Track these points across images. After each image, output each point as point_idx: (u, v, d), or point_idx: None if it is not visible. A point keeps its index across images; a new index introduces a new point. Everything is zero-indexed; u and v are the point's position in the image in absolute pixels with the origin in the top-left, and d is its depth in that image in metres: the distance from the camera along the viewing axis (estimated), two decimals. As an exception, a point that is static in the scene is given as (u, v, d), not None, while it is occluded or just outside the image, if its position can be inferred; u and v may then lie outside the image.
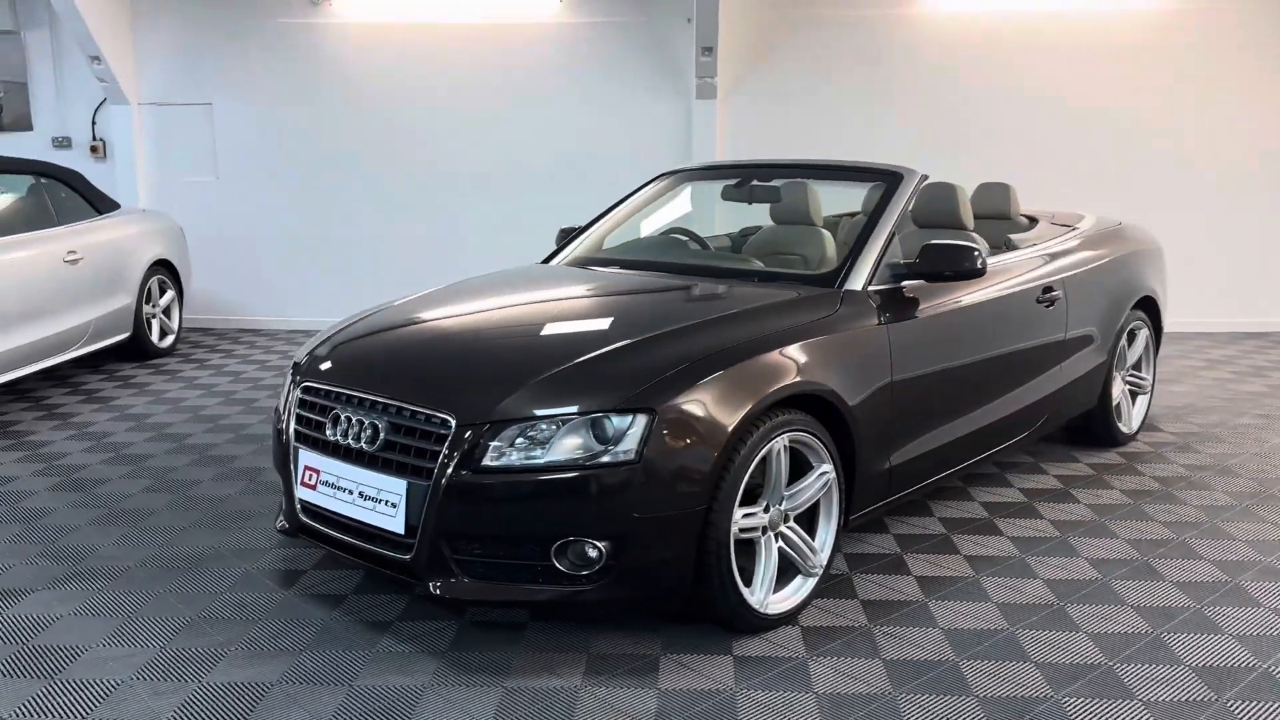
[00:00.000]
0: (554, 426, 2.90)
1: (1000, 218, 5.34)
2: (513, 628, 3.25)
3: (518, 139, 8.86)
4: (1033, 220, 5.34)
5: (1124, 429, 5.24)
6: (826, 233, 4.83)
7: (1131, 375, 5.34)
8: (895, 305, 3.72)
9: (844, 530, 3.53)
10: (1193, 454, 5.13)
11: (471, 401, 2.98)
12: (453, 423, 2.94)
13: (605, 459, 2.86)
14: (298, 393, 3.42)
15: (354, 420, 3.17)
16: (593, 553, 2.88)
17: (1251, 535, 4.05)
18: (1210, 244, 8.58)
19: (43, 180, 6.84)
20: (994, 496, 4.49)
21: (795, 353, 3.26)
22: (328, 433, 3.23)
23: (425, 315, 3.74)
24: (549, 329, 3.51)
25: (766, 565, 3.20)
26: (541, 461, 2.87)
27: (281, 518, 3.52)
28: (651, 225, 4.87)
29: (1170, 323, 8.64)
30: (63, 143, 9.17)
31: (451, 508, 2.91)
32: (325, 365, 3.45)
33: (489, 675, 2.97)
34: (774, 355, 3.20)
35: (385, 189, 9.06)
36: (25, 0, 8.93)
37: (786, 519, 3.27)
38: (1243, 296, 8.74)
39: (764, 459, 3.13)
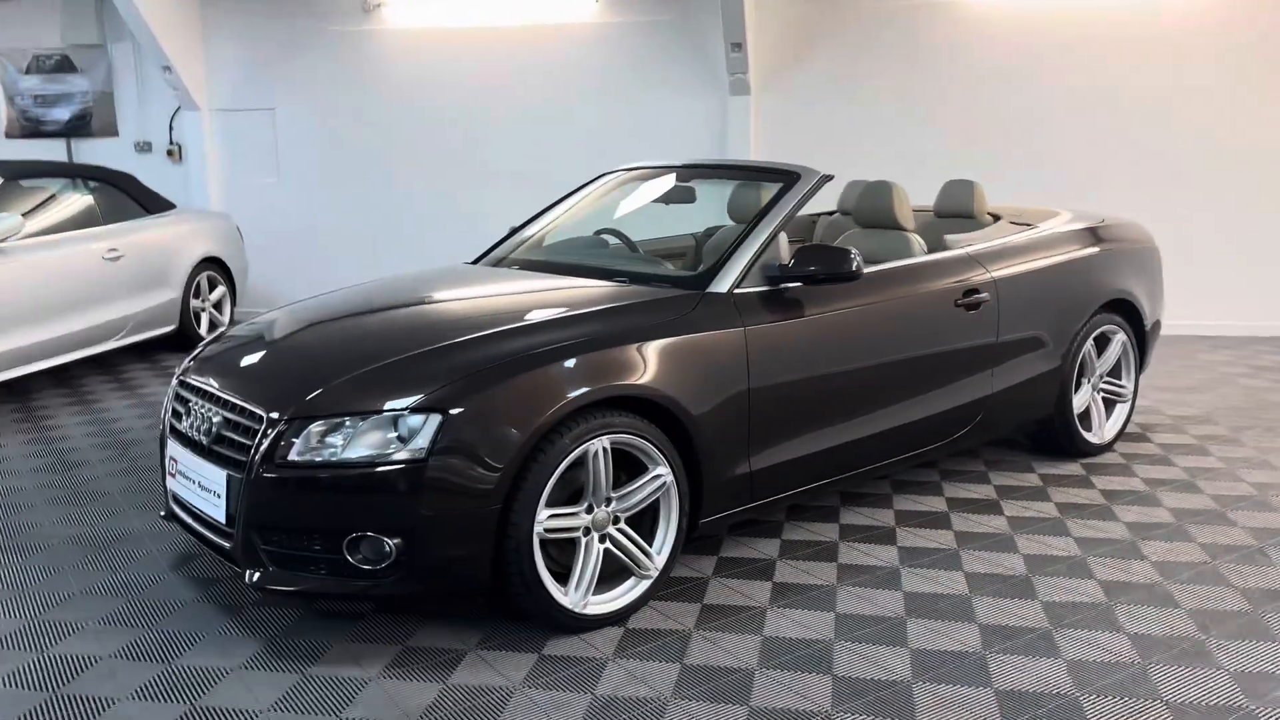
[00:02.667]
0: (354, 424, 3.01)
1: (963, 215, 5.15)
2: (351, 618, 3.38)
3: (557, 137, 9.00)
4: (996, 218, 5.13)
5: (1093, 439, 4.96)
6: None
7: (1107, 383, 5.05)
8: (768, 308, 3.66)
9: (690, 535, 3.52)
10: (1163, 467, 4.82)
11: (280, 397, 3.13)
12: (263, 417, 3.10)
13: (396, 457, 2.95)
14: (174, 385, 3.65)
15: (200, 413, 3.36)
16: (385, 548, 2.98)
17: (1159, 557, 3.80)
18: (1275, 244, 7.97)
19: (92, 183, 7.39)
20: (912, 504, 4.35)
21: (623, 355, 3.27)
22: (181, 424, 3.44)
23: (301, 316, 3.89)
24: (387, 329, 3.62)
25: (585, 566, 3.22)
26: (337, 458, 2.98)
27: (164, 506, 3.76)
28: (595, 223, 4.90)
29: (1222, 326, 8.13)
30: (144, 147, 9.86)
31: (259, 500, 3.06)
32: (198, 360, 3.67)
33: (296, 661, 3.10)
34: (594, 357, 3.21)
35: (432, 187, 9.36)
36: (111, 14, 9.62)
37: (617, 520, 3.29)
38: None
39: (588, 460, 3.16)
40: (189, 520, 3.44)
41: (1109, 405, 5.09)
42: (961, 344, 4.25)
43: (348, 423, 3.01)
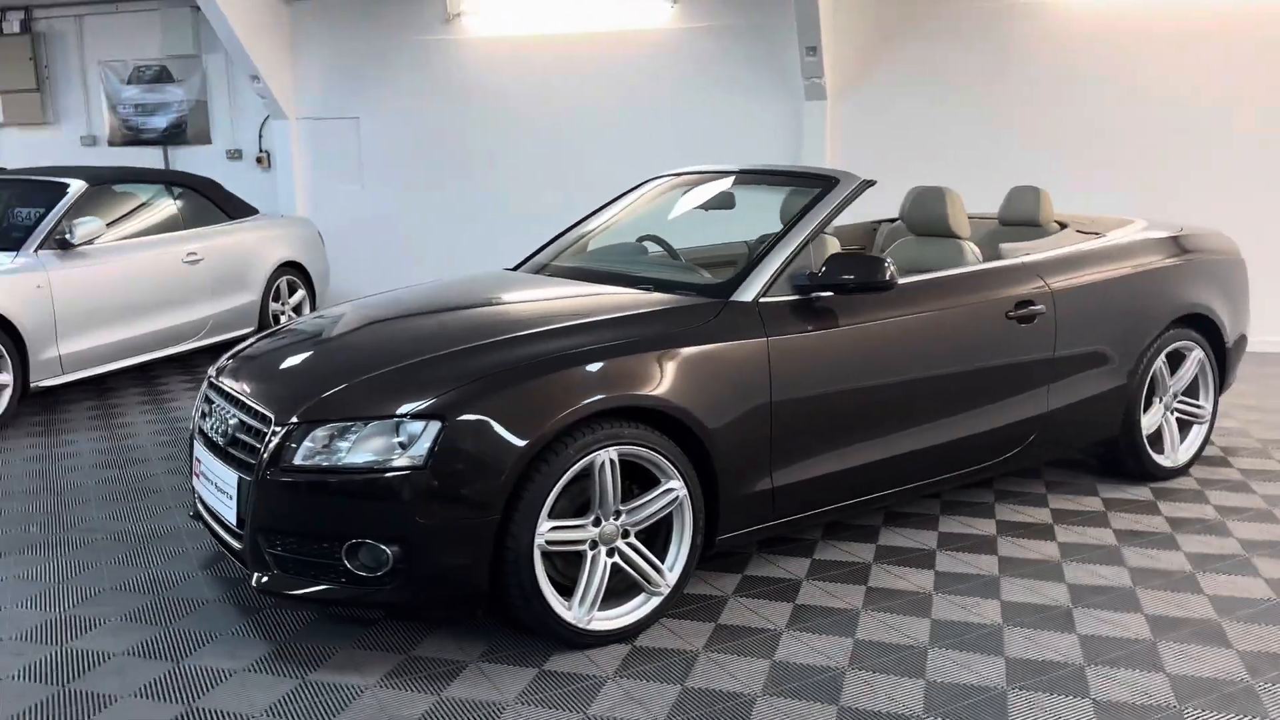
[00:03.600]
0: (358, 429, 2.99)
1: (1028, 224, 4.91)
2: (362, 624, 3.37)
3: (631, 143, 8.96)
4: (1063, 227, 4.87)
5: (1165, 462, 4.66)
6: (829, 236, 4.65)
7: (1182, 403, 4.74)
8: (796, 319, 3.53)
9: (707, 552, 3.41)
10: (1241, 494, 4.49)
11: (289, 401, 3.13)
12: (271, 419, 3.10)
13: (395, 464, 2.92)
14: (204, 386, 3.70)
15: (219, 414, 3.40)
16: (383, 555, 2.95)
17: (1218, 591, 3.52)
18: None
19: (176, 189, 7.64)
20: (959, 526, 4.14)
21: (632, 364, 3.17)
22: (205, 424, 3.48)
23: (329, 321, 3.91)
24: (405, 335, 3.59)
25: (590, 581, 3.14)
26: (340, 463, 2.97)
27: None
28: (642, 229, 4.81)
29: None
30: (235, 155, 10.18)
31: (265, 502, 3.06)
32: (228, 362, 3.71)
33: (299, 666, 3.10)
34: (602, 366, 3.13)
35: (511, 192, 9.42)
36: (206, 26, 9.96)
37: (626, 535, 3.19)
38: None
39: (594, 471, 3.08)
40: (209, 521, 3.48)
41: (1184, 426, 4.78)
42: (1012, 359, 4.03)
43: (353, 428, 3.00)
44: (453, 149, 9.50)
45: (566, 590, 3.14)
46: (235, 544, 3.23)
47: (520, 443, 2.94)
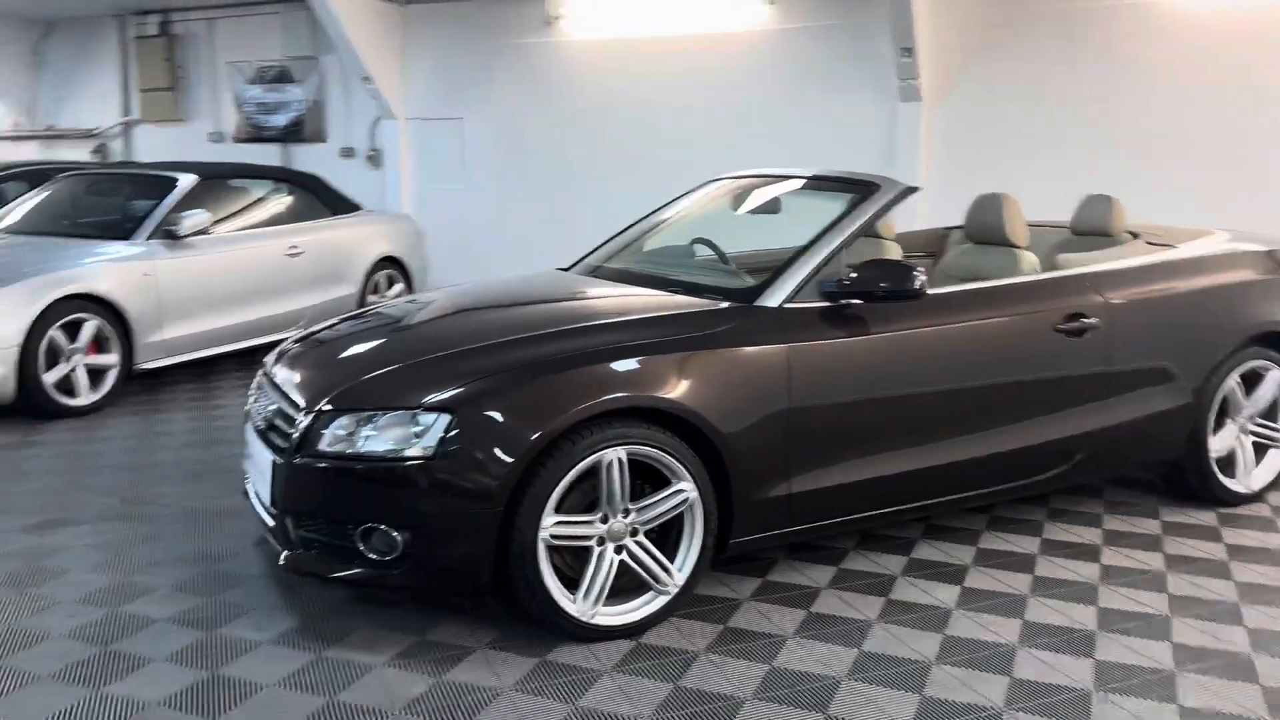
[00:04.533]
0: (379, 418, 3.13)
1: (1099, 233, 4.74)
2: (388, 605, 3.51)
3: (728, 145, 8.97)
4: (1135, 237, 4.68)
5: (1237, 486, 4.43)
6: (891, 242, 4.62)
7: (1260, 425, 4.50)
8: (822, 326, 3.51)
9: (720, 555, 3.43)
10: (1317, 524, 4.25)
11: (320, 390, 3.29)
12: (302, 408, 3.27)
13: (408, 453, 3.05)
14: (259, 375, 3.91)
15: (264, 399, 3.60)
16: (393, 540, 3.08)
17: (1260, 624, 3.35)
18: None
19: (281, 185, 8.03)
20: (1000, 543, 4.04)
21: (644, 366, 3.22)
22: (253, 409, 3.69)
23: (377, 316, 4.07)
24: (439, 330, 3.72)
25: (595, 576, 3.20)
26: (359, 450, 3.11)
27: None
28: (697, 231, 4.84)
29: None
30: (347, 153, 10.61)
31: (292, 485, 3.24)
32: (279, 354, 3.91)
33: (318, 641, 3.25)
34: (613, 366, 3.19)
35: (608, 192, 9.55)
36: (324, 28, 10.43)
37: (635, 533, 3.25)
38: None
39: (601, 469, 3.14)
40: (254, 500, 3.68)
41: (1260, 450, 4.53)
42: (1059, 373, 3.91)
43: (374, 417, 3.13)
44: (551, 149, 9.70)
45: (573, 584, 3.21)
46: (270, 523, 3.42)
47: (525, 439, 3.02)
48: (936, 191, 7.33)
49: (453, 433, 3.03)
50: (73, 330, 6.09)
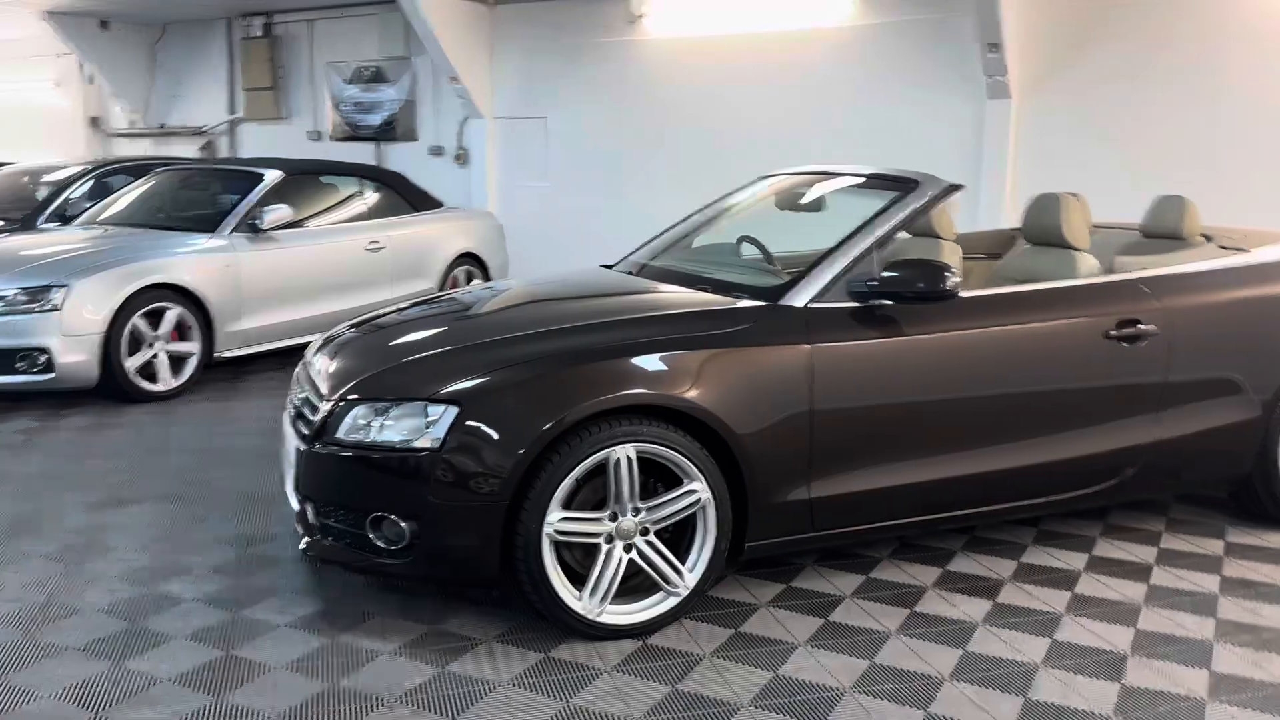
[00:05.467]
0: (393, 409, 3.17)
1: (1170, 236, 4.50)
2: (407, 593, 3.55)
3: (810, 143, 8.83)
4: (1209, 240, 4.42)
5: (1312, 507, 4.15)
6: (950, 243, 4.50)
7: (1342, 442, 4.20)
8: (850, 326, 3.41)
9: (736, 558, 3.37)
10: (1400, 551, 3.94)
11: (342, 380, 3.35)
12: (324, 396, 3.34)
13: (416, 444, 3.08)
14: (299, 367, 4.01)
15: (297, 389, 3.68)
16: (401, 530, 3.11)
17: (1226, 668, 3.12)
18: None
19: (365, 181, 8.23)
20: (1044, 558, 3.86)
21: (656, 363, 3.18)
22: (290, 398, 3.78)
23: (418, 310, 4.12)
24: (467, 324, 3.73)
25: (603, 573, 3.17)
26: (372, 440, 3.15)
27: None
28: (750, 228, 4.76)
29: None
30: (437, 151, 10.82)
31: (311, 471, 3.30)
32: (321, 344, 3.99)
33: (334, 626, 3.31)
34: (622, 363, 3.15)
35: (689, 190, 9.44)
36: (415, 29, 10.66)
37: (646, 532, 3.21)
38: None
39: (609, 466, 3.12)
40: (286, 486, 3.77)
41: (1341, 470, 4.23)
42: (1109, 381, 3.72)
43: (389, 407, 3.17)
44: (631, 147, 9.71)
45: (581, 581, 3.19)
46: (296, 508, 3.49)
47: (531, 433, 3.02)
48: (1026, 191, 7.06)
49: (460, 425, 3.04)
50: (156, 318, 6.36)
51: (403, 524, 3.10)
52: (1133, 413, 3.76)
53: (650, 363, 3.18)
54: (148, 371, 6.33)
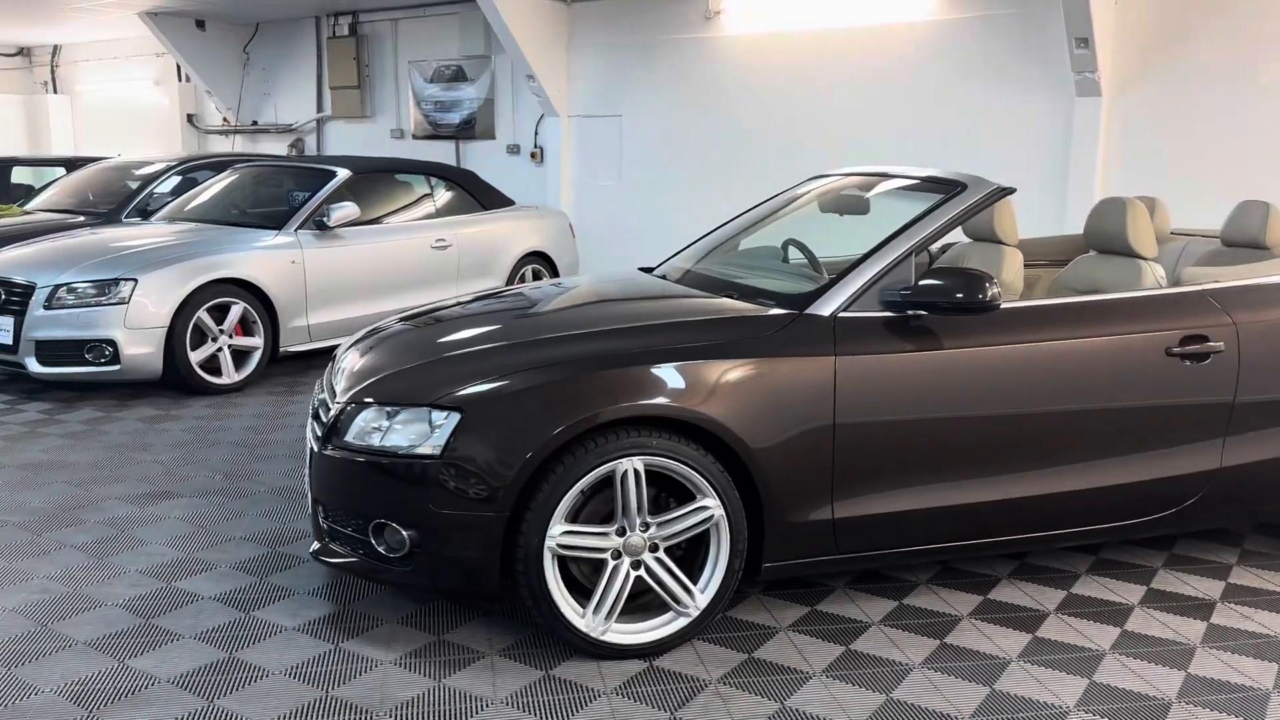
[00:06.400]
0: (398, 414, 3.10)
1: (1252, 245, 4.17)
2: (419, 600, 3.49)
3: (891, 139, 8.56)
4: (1294, 250, 4.08)
5: None
6: (1012, 249, 4.28)
7: None
8: (881, 337, 3.22)
9: (752, 579, 3.21)
10: None
11: (354, 382, 3.30)
12: (336, 397, 3.29)
13: (418, 451, 3.00)
14: (329, 365, 3.98)
15: (318, 391, 3.65)
16: (401, 538, 3.03)
17: None
18: None
19: (435, 180, 8.26)
20: (1096, 589, 3.60)
21: (665, 373, 3.04)
22: (313, 396, 3.75)
23: (446, 312, 4.03)
24: (486, 327, 3.62)
25: (607, 590, 3.04)
26: (377, 445, 3.09)
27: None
28: (796, 231, 4.58)
29: None
30: (513, 150, 10.83)
31: (320, 474, 3.26)
32: (358, 338, 3.95)
33: (341, 632, 3.26)
34: (631, 371, 3.02)
35: (764, 188, 9.27)
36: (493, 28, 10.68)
37: (655, 548, 3.08)
38: None
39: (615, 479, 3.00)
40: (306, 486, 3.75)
41: None
42: (1169, 402, 3.44)
43: (395, 412, 3.10)
44: (705, 145, 9.55)
45: (588, 597, 3.07)
46: (310, 510, 3.46)
47: (531, 444, 2.91)
48: (1117, 193, 6.70)
49: (462, 432, 2.96)
50: (222, 313, 6.47)
51: (404, 532, 3.03)
52: (1196, 436, 3.48)
53: (659, 373, 3.04)
54: (212, 365, 6.44)
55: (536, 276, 8.88)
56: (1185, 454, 3.47)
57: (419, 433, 3.03)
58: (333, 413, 3.24)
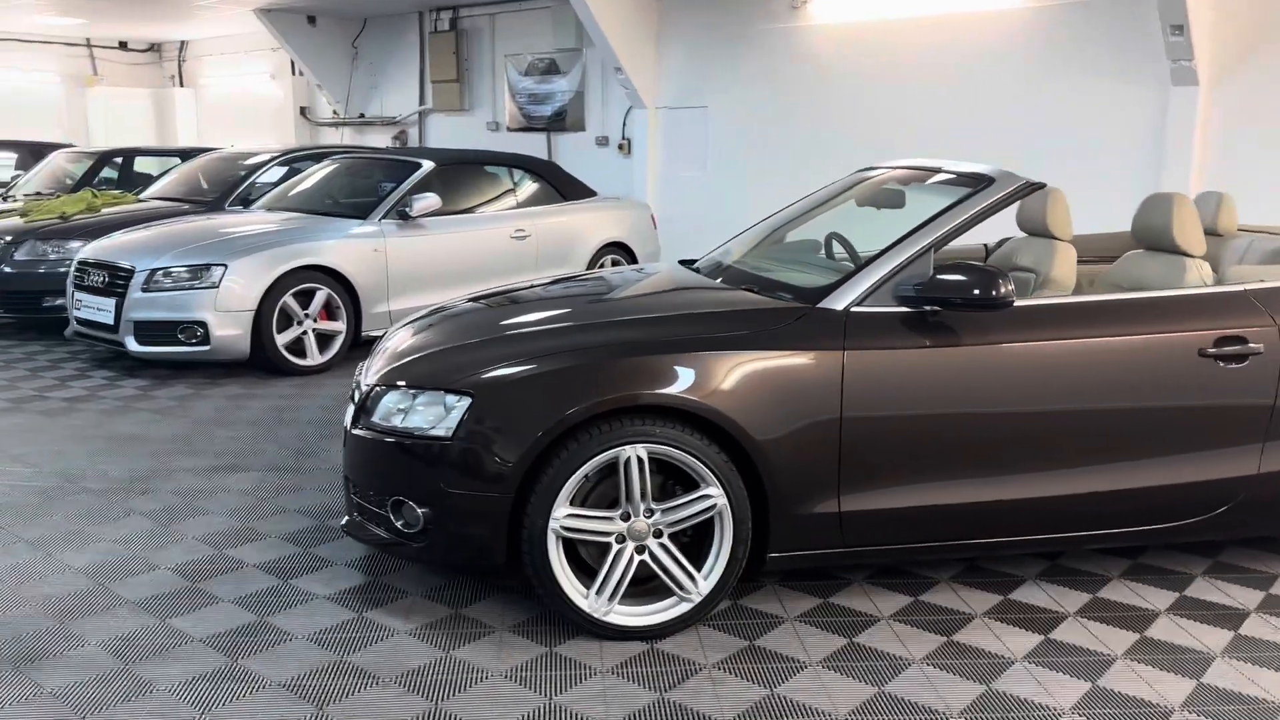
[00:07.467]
0: (419, 396, 3.25)
1: (1314, 243, 3.99)
2: (444, 574, 3.64)
3: (977, 131, 8.40)
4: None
5: None
6: (1065, 245, 4.21)
7: None
8: (893, 332, 3.22)
9: (758, 570, 3.25)
10: None
11: (383, 365, 3.48)
12: (367, 379, 3.48)
13: (432, 432, 3.15)
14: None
15: (358, 375, 3.85)
16: (416, 515, 3.19)
17: None
18: None
19: (517, 171, 8.46)
20: (1124, 594, 3.52)
21: (671, 362, 3.10)
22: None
23: (483, 300, 4.18)
24: (512, 317, 3.74)
25: (610, 572, 3.13)
26: (398, 425, 3.25)
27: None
28: (840, 225, 4.58)
29: None
30: (602, 141, 10.97)
31: (350, 452, 3.44)
32: (404, 323, 4.13)
33: (366, 602, 3.44)
34: (636, 360, 3.10)
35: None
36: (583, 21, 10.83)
37: (659, 534, 3.15)
38: None
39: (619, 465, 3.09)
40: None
41: None
42: (1201, 404, 3.34)
43: (417, 394, 3.26)
44: (790, 136, 9.51)
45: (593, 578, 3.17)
46: (344, 487, 3.65)
47: (535, 429, 3.02)
48: (1213, 186, 6.45)
49: (472, 415, 3.09)
50: (308, 298, 6.79)
51: (418, 509, 3.18)
52: (1230, 440, 3.36)
53: (664, 363, 3.11)
54: (298, 347, 6.77)
55: (615, 265, 9.01)
56: (1217, 458, 3.37)
57: (435, 415, 3.18)
58: (364, 395, 3.41)
